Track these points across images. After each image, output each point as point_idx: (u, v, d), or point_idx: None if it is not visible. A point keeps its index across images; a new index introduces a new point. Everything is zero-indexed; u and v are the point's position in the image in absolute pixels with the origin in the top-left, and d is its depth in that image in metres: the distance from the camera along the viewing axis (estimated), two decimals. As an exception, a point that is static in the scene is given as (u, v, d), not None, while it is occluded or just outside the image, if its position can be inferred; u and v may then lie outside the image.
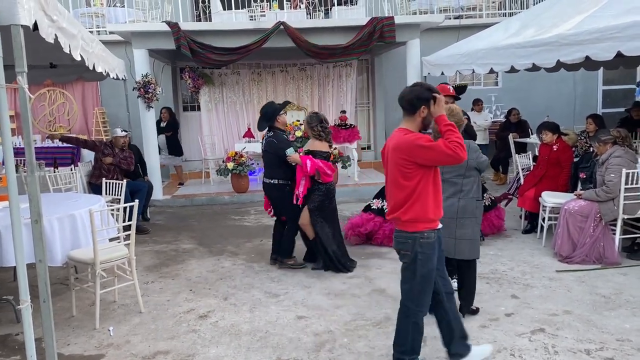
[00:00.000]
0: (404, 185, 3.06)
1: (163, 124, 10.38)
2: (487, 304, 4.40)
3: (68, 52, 3.68)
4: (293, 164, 5.36)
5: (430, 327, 3.51)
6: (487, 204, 6.15)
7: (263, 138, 5.74)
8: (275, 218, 5.79)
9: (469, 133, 5.07)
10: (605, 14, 5.55)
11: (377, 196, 6.35)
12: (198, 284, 5.19)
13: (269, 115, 5.54)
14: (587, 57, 5.54)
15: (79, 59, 4.01)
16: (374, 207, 6.26)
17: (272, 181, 5.52)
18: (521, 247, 5.94)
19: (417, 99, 3.05)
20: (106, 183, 6.41)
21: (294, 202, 5.43)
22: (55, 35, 3.27)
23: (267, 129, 5.59)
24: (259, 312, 4.44)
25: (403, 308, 3.27)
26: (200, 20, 12.02)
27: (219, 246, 6.52)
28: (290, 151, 5.34)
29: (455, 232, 4.00)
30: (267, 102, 5.98)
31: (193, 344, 3.91)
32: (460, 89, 6.80)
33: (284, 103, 5.84)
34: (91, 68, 4.91)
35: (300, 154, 5.38)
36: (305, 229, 5.49)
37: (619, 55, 5.56)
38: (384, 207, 6.11)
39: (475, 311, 4.21)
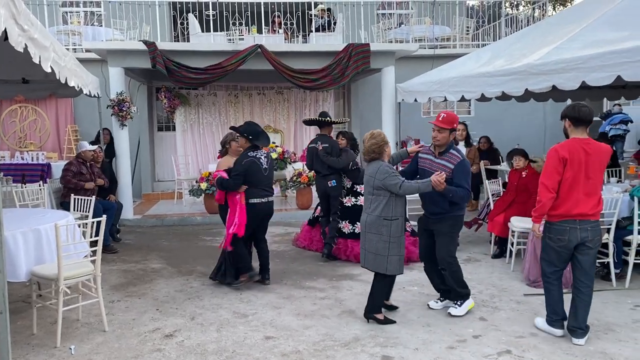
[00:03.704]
0: (602, 181, 4.05)
1: (101, 147, 8.74)
2: (456, 325, 4.42)
3: (38, 63, 3.65)
4: None
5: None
6: None
7: (256, 158, 5.42)
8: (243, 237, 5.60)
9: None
10: (571, 46, 5.76)
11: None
12: (165, 304, 5.09)
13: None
14: (553, 87, 5.73)
15: (49, 70, 3.97)
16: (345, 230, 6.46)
17: (273, 198, 5.73)
18: (490, 271, 6.00)
19: None
20: (74, 199, 6.30)
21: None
22: (26, 45, 3.25)
23: (254, 147, 5.54)
24: (226, 332, 4.37)
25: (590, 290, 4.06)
26: (178, 42, 12.06)
27: (188, 266, 6.43)
28: None
29: (365, 244, 4.49)
30: (251, 121, 5.87)
31: (157, 363, 3.82)
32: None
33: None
34: (63, 82, 4.86)
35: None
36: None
37: (586, 87, 5.77)
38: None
39: (383, 321, 4.49)
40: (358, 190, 6.54)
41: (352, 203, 6.54)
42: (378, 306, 4.58)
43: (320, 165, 6.56)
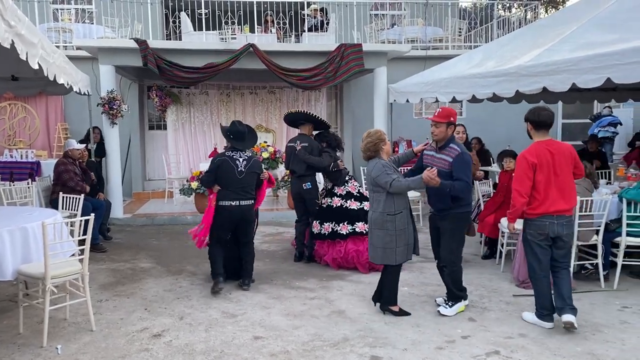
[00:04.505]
0: (572, 178, 4.30)
1: (92, 146, 8.99)
2: (445, 325, 4.43)
3: (25, 60, 3.61)
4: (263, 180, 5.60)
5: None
6: (344, 232, 6.08)
7: (232, 159, 5.34)
8: (208, 243, 5.52)
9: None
10: (561, 48, 5.79)
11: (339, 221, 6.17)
12: (154, 303, 5.06)
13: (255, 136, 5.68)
14: (544, 88, 5.74)
15: (36, 67, 3.93)
16: (343, 232, 6.10)
17: (252, 202, 5.42)
18: (480, 272, 6.01)
19: None
20: (63, 198, 6.25)
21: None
22: (12, 41, 3.21)
23: (241, 149, 5.47)
24: (215, 332, 4.35)
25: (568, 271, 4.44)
26: (170, 40, 12.00)
27: (177, 265, 6.40)
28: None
29: (372, 240, 4.63)
30: (237, 121, 5.70)
31: (144, 363, 3.79)
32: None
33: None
34: (51, 79, 4.81)
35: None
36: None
37: (576, 89, 5.78)
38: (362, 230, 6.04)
39: (398, 313, 4.64)
40: (336, 191, 6.33)
41: (327, 204, 6.29)
42: (393, 298, 4.68)
43: (298, 165, 6.38)
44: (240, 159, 5.37)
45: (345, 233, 6.07)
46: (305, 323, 4.54)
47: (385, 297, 4.69)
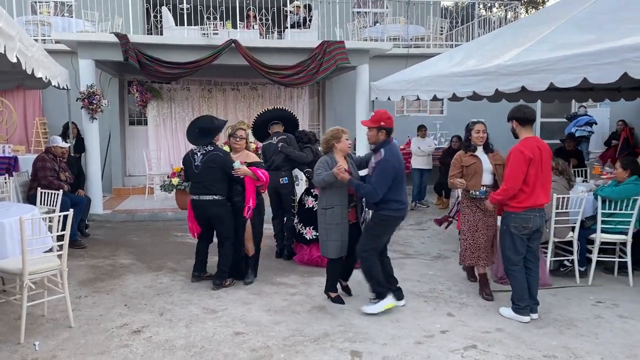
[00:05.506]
0: (551, 175, 4.55)
1: (70, 142, 8.82)
2: (424, 321, 4.49)
3: (3, 53, 3.56)
4: (241, 176, 5.27)
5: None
6: (308, 238, 6.09)
7: (192, 153, 5.36)
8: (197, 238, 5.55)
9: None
10: (540, 48, 5.88)
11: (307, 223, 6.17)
12: (134, 299, 5.03)
13: (215, 130, 5.47)
14: (523, 87, 5.83)
15: (14, 60, 3.88)
16: (307, 237, 6.11)
17: (214, 197, 5.24)
18: (459, 268, 6.06)
19: None
20: (41, 193, 6.17)
21: (246, 215, 5.33)
22: (-10, 33, 3.17)
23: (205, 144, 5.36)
24: (195, 327, 4.35)
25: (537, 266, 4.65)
26: (151, 35, 11.88)
27: (158, 262, 6.36)
28: (237, 164, 5.26)
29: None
30: (205, 116, 5.77)
31: (124, 359, 3.77)
32: None
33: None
34: (29, 72, 4.75)
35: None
36: (247, 245, 5.52)
37: (555, 89, 5.87)
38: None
39: (334, 299, 4.93)
40: (312, 191, 6.23)
41: (303, 202, 6.26)
42: (331, 287, 4.98)
43: (277, 156, 6.34)
44: (199, 153, 5.29)
45: (308, 238, 6.09)
46: (286, 318, 4.56)
47: (326, 285, 5.01)
